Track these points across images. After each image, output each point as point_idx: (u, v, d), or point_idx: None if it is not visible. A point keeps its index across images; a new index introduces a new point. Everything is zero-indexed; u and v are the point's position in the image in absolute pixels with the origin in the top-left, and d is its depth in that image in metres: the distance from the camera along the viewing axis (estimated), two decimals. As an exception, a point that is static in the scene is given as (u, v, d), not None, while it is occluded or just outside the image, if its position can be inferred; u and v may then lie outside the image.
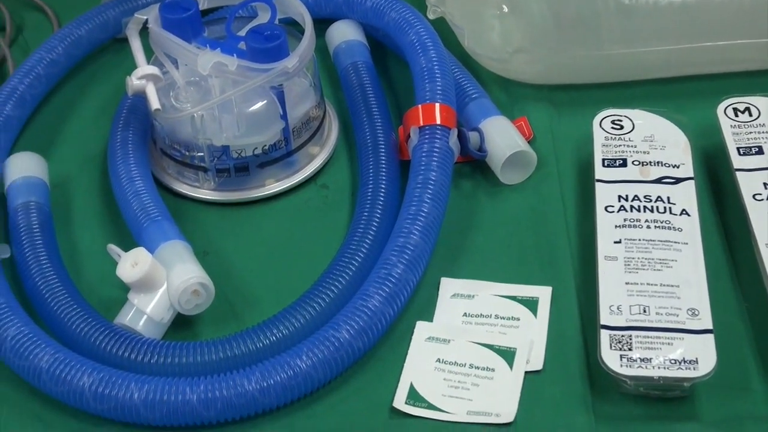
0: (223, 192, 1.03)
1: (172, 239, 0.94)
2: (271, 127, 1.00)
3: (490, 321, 0.91)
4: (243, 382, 0.84)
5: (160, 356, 0.87)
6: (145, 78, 0.98)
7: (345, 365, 0.87)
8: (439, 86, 1.01)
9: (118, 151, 1.03)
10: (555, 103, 1.08)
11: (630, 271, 0.88)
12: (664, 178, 0.95)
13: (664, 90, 1.08)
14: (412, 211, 0.93)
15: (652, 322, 0.84)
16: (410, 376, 0.87)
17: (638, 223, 0.92)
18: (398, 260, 0.90)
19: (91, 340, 0.89)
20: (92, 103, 1.15)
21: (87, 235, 1.02)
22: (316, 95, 1.04)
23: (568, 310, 0.91)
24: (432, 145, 0.97)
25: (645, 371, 0.82)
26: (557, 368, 0.87)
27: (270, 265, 0.98)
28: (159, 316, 0.90)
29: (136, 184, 1.00)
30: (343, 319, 0.87)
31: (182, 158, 1.02)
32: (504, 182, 1.01)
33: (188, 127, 0.99)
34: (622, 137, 0.99)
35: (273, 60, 0.96)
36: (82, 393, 0.84)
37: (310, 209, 1.03)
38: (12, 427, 0.87)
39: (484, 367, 0.87)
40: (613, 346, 0.83)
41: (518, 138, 1.01)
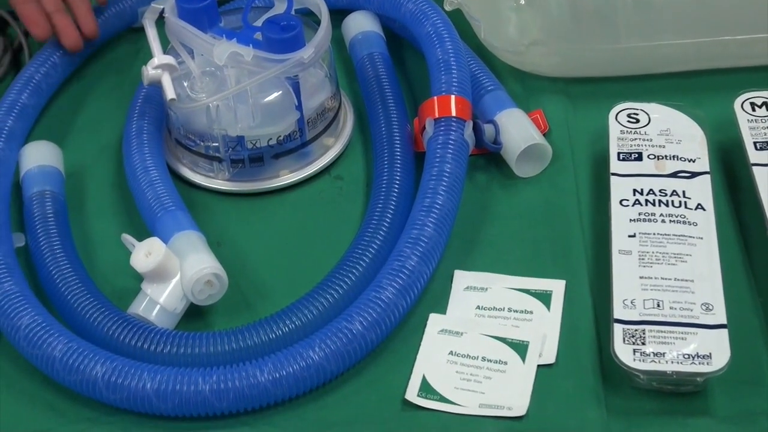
0: (238, 182, 1.03)
1: (186, 229, 0.95)
2: (286, 117, 1.01)
3: (503, 314, 0.91)
4: (255, 373, 0.84)
5: (173, 346, 0.87)
6: (161, 68, 0.98)
7: (357, 357, 0.87)
8: (455, 78, 1.01)
9: (133, 141, 1.03)
10: (571, 95, 1.08)
11: (644, 265, 0.88)
12: (680, 173, 0.95)
13: (680, 84, 1.08)
14: (427, 203, 0.93)
15: (665, 317, 0.84)
16: (423, 368, 0.87)
17: (653, 217, 0.92)
18: (412, 252, 0.90)
19: (104, 330, 0.89)
20: (108, 92, 1.16)
21: (101, 224, 1.02)
22: (331, 86, 1.04)
23: (581, 304, 0.91)
24: (447, 137, 0.97)
25: (658, 366, 0.82)
26: (570, 362, 0.87)
27: (283, 256, 0.98)
28: (172, 306, 0.91)
29: (151, 174, 1.00)
30: (356, 311, 0.87)
31: (197, 148, 1.02)
32: (519, 175, 1.01)
33: (203, 117, 0.99)
34: (637, 131, 0.99)
35: (289, 51, 0.97)
36: (95, 382, 0.84)
37: (325, 200, 1.03)
38: (25, 416, 0.87)
39: (497, 360, 0.87)
40: (626, 341, 0.83)
41: (533, 131, 1.01)
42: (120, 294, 0.94)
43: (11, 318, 0.89)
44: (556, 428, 0.83)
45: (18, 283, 0.92)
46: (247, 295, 0.95)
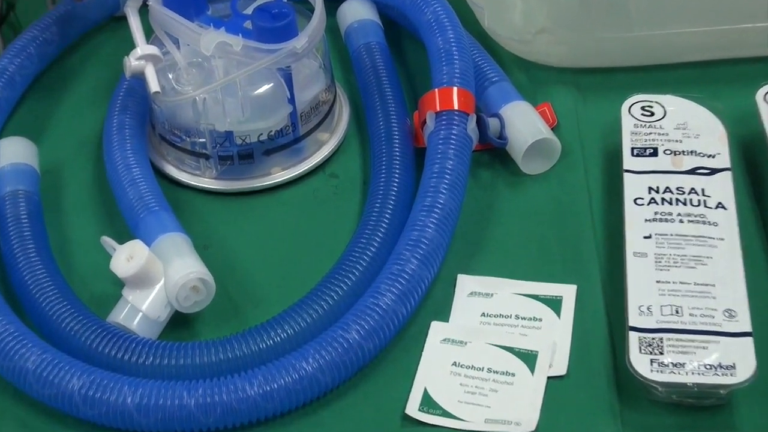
0: (226, 181, 1.03)
1: (171, 231, 0.94)
2: (277, 111, 1.00)
3: (510, 321, 0.90)
4: (244, 386, 0.83)
5: (156, 357, 0.86)
6: (144, 58, 0.98)
7: (354, 368, 0.86)
8: (457, 69, 1.00)
9: (115, 137, 1.02)
10: (581, 87, 1.08)
11: (661, 268, 0.87)
12: (699, 169, 0.95)
13: (698, 74, 1.07)
14: (428, 202, 0.92)
15: (685, 324, 0.83)
16: (424, 380, 0.86)
17: (670, 216, 0.91)
18: (412, 255, 0.89)
19: (81, 340, 0.88)
20: (87, 85, 1.15)
21: (79, 226, 1.02)
22: (326, 78, 1.04)
23: (593, 311, 0.90)
24: (449, 132, 0.97)
25: (678, 377, 0.81)
26: (582, 373, 0.86)
27: (275, 260, 0.98)
28: (155, 314, 0.89)
29: (133, 172, 0.99)
30: (353, 318, 0.87)
31: (182, 144, 1.02)
32: (526, 172, 1.01)
33: (189, 111, 0.99)
34: (652, 125, 0.98)
35: (281, 40, 0.96)
36: (72, 396, 0.83)
37: (319, 200, 1.02)
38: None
39: (504, 372, 0.86)
40: (642, 350, 0.82)
41: (541, 124, 1.01)
42: (99, 301, 0.93)
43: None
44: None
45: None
46: (235, 301, 0.94)
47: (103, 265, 0.91)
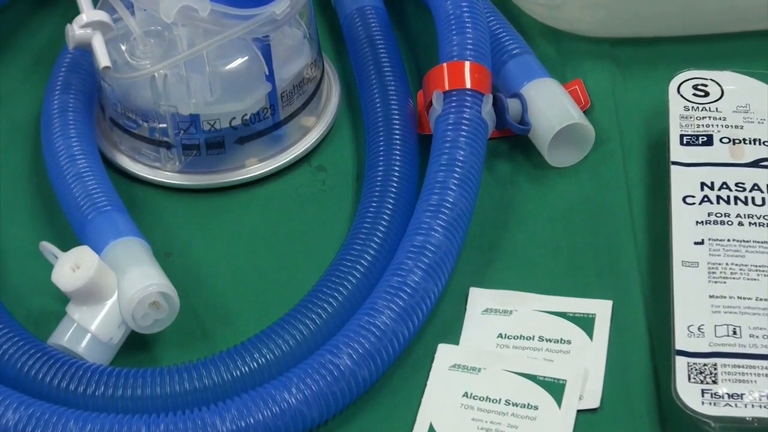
0: (192, 175, 1.04)
1: (125, 236, 0.95)
2: (253, 91, 1.01)
3: (533, 344, 0.92)
4: (215, 420, 0.84)
5: (108, 387, 0.87)
6: (91, 26, 0.98)
7: (346, 400, 0.87)
8: (470, 39, 1.01)
9: (56, 121, 1.04)
10: (619, 62, 1.09)
11: (716, 280, 0.89)
12: (763, 161, 0.96)
13: (763, 46, 1.08)
14: (434, 200, 0.94)
15: (744, 347, 0.85)
16: (429, 414, 0.88)
17: (727, 218, 0.93)
18: (415, 265, 0.91)
19: (17, 366, 0.89)
20: (19, 58, 1.17)
21: (13, 229, 1.03)
22: (311, 51, 1.04)
23: (633, 331, 0.91)
24: (460, 116, 0.98)
25: (734, 410, 0.82)
26: (619, 406, 0.88)
27: (250, 271, 0.99)
28: (107, 335, 0.91)
29: (79, 164, 1.00)
30: (345, 341, 0.88)
31: (138, 131, 1.03)
32: (552, 164, 1.02)
33: (147, 90, 1.00)
34: (707, 107, 1.00)
35: (257, 4, 0.97)
36: None
37: (303, 198, 1.04)
38: None
39: (525, 405, 0.88)
40: (692, 378, 0.84)
41: (571, 107, 1.02)
42: (38, 320, 0.94)
43: None
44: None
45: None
46: (203, 320, 0.96)
47: (42, 277, 0.91)
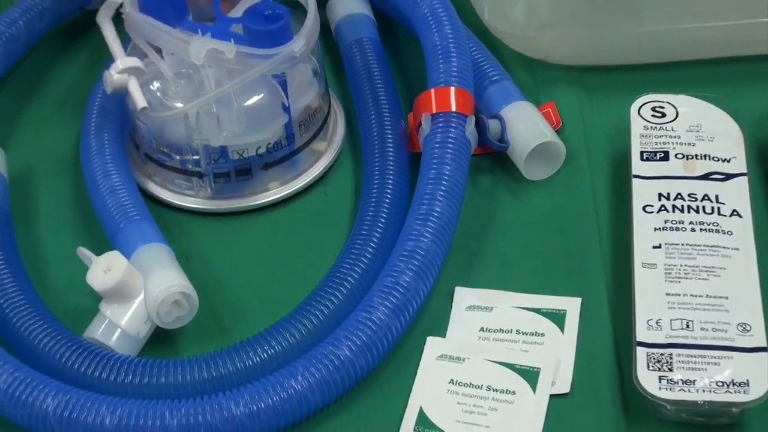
0: (221, 200, 1.03)
1: (152, 242, 0.95)
2: (274, 121, 1.00)
3: (511, 337, 0.91)
4: (230, 405, 0.84)
5: (136, 375, 0.87)
6: (127, 72, 0.97)
7: (346, 386, 0.87)
8: (455, 67, 1.01)
9: (93, 142, 1.03)
10: (587, 86, 1.09)
11: (671, 280, 0.88)
12: (713, 174, 0.95)
13: (713, 73, 1.08)
14: (423, 210, 0.93)
15: (696, 339, 0.84)
16: (419, 399, 0.87)
17: (681, 225, 0.92)
18: (407, 267, 0.90)
19: (56, 357, 0.89)
20: (58, 85, 1.16)
21: (53, 236, 1.03)
22: (320, 84, 1.04)
23: (599, 325, 0.91)
24: (446, 135, 0.97)
25: (688, 395, 0.82)
26: (587, 391, 0.87)
27: (261, 273, 0.99)
28: (135, 329, 0.90)
29: (112, 179, 1.00)
30: (344, 334, 0.87)
31: (171, 163, 1.01)
32: (528, 178, 1.02)
33: (180, 126, 0.98)
34: (663, 126, 0.99)
35: (275, 44, 0.96)
36: (46, 417, 0.84)
37: (307, 210, 1.03)
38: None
39: (504, 390, 0.87)
40: (651, 366, 0.83)
41: (545, 127, 1.02)
42: (74, 316, 0.94)
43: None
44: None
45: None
46: (220, 316, 0.95)
47: (78, 278, 0.91)
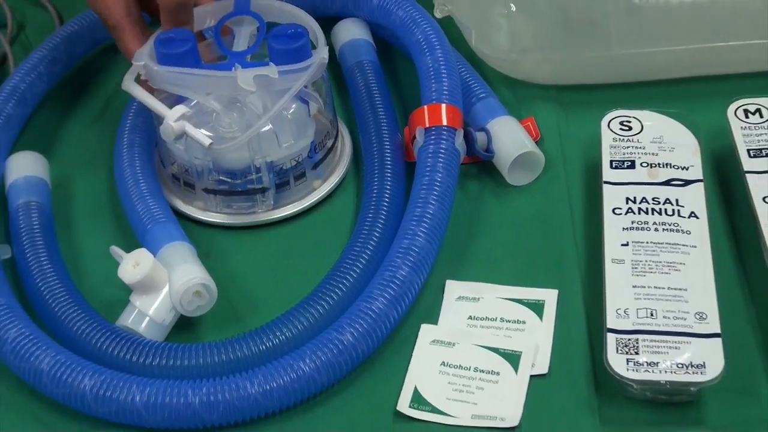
0: (282, 207, 1.02)
1: (176, 241, 0.95)
2: (309, 127, 1.00)
3: (496, 324, 0.91)
4: (245, 384, 0.84)
5: (162, 358, 0.88)
6: (181, 118, 0.95)
7: (348, 368, 0.87)
8: (446, 86, 1.01)
9: (125, 154, 1.03)
10: (563, 103, 1.08)
11: (637, 274, 0.89)
12: (673, 180, 0.96)
13: (673, 91, 1.08)
14: (418, 212, 0.93)
15: (659, 326, 0.85)
16: (414, 379, 0.88)
17: (646, 225, 0.92)
18: (403, 262, 0.90)
19: (92, 342, 0.89)
20: (94, 101, 1.16)
21: (89, 236, 1.03)
22: (328, 104, 1.04)
23: (574, 314, 0.91)
24: (438, 147, 0.98)
25: (652, 375, 0.82)
26: (563, 372, 0.88)
27: (272, 267, 0.99)
28: (161, 317, 0.91)
29: (141, 187, 1.00)
30: (347, 321, 0.88)
31: (230, 189, 1.00)
32: (511, 183, 1.02)
33: (243, 151, 0.97)
34: (630, 138, 0.99)
35: (302, 59, 0.96)
36: (83, 395, 0.85)
37: (313, 210, 1.03)
38: (11, 430, 0.88)
39: (489, 371, 0.87)
40: (619, 350, 0.84)
41: (526, 139, 1.02)
42: (108, 306, 0.94)
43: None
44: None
45: (4, 295, 0.92)
46: (236, 306, 0.95)
47: (111, 273, 0.91)
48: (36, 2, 1.27)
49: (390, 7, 1.09)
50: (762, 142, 0.97)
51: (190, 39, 0.97)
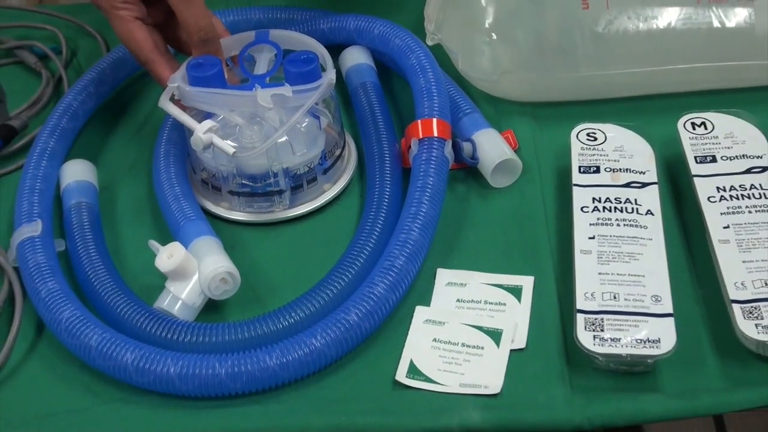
0: (296, 207, 1.01)
1: (205, 235, 0.94)
2: (319, 138, 1.00)
3: (480, 306, 0.91)
4: (265, 358, 0.84)
5: (193, 336, 0.87)
6: (209, 131, 0.95)
7: (354, 344, 0.87)
8: (436, 103, 1.00)
9: (161, 161, 1.02)
10: (537, 117, 1.08)
11: (602, 263, 0.88)
12: (632, 183, 0.95)
13: (632, 107, 1.07)
14: (412, 211, 0.93)
15: (621, 307, 0.84)
16: (410, 353, 0.87)
17: (609, 221, 0.92)
18: (400, 253, 0.90)
19: (133, 322, 0.89)
20: (134, 117, 1.15)
21: (130, 231, 1.02)
22: (336, 120, 1.03)
23: (548, 297, 0.91)
24: (430, 155, 0.97)
25: (615, 349, 0.82)
26: (538, 347, 0.87)
27: (288, 258, 0.98)
28: (192, 301, 0.90)
29: (176, 190, 0.99)
30: (353, 304, 0.87)
31: (252, 191, 0.99)
32: (493, 186, 1.01)
33: (262, 159, 0.96)
34: (595, 147, 0.99)
35: (311, 80, 0.95)
36: (126, 368, 0.84)
37: (323, 211, 1.02)
38: (65, 397, 0.87)
39: (475, 346, 0.87)
40: (587, 328, 0.83)
41: (506, 147, 1.01)
42: (147, 291, 0.93)
43: (54, 312, 0.89)
44: (527, 404, 0.83)
45: (59, 282, 0.92)
46: (257, 291, 0.95)
47: (149, 263, 0.91)
48: (86, 32, 1.26)
49: (389, 36, 1.09)
50: (707, 150, 0.97)
51: (217, 64, 0.97)
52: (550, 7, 1.05)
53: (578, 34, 1.04)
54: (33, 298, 0.91)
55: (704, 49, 1.04)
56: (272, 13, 1.18)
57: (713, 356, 0.85)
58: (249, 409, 0.84)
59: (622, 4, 1.04)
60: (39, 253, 0.93)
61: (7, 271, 0.94)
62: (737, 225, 0.89)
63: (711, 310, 0.88)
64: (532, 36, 1.06)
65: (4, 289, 0.93)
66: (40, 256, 0.93)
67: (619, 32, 1.04)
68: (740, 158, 0.95)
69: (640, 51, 1.05)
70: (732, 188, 0.93)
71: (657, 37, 1.04)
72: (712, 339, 0.86)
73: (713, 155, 0.96)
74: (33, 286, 0.91)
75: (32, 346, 0.91)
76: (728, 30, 1.03)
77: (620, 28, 1.04)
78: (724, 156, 0.96)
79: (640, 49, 1.04)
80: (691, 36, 1.04)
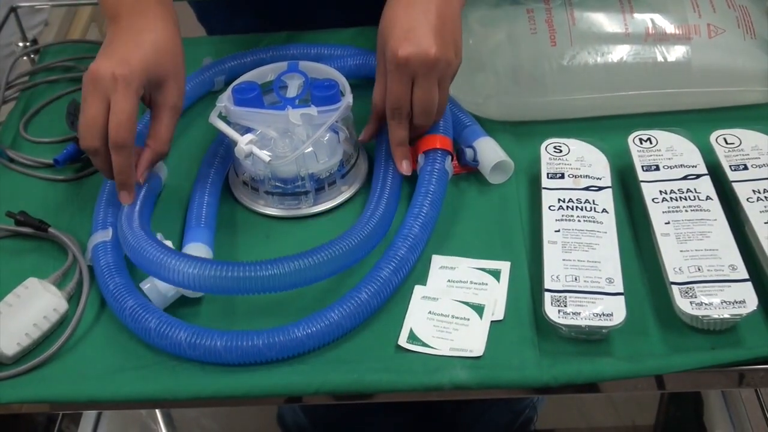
0: (319, 204, 0.99)
1: (199, 242, 0.92)
2: (337, 150, 0.98)
3: (467, 285, 0.90)
4: (293, 330, 0.83)
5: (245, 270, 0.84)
6: (250, 143, 0.95)
7: (364, 317, 0.86)
8: (441, 122, 0.99)
9: (203, 173, 1.01)
10: (515, 133, 1.06)
11: (566, 251, 0.88)
12: (590, 187, 0.94)
13: (591, 125, 1.06)
14: (416, 212, 0.92)
15: (580, 287, 0.84)
16: (410, 323, 0.87)
17: (572, 218, 0.91)
18: (402, 245, 0.89)
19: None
20: (190, 139, 1.11)
21: (166, 225, 0.98)
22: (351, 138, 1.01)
23: (521, 278, 0.90)
24: (433, 167, 0.95)
25: (575, 321, 0.82)
26: (514, 319, 0.86)
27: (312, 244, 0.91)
28: (165, 290, 0.88)
29: (204, 199, 0.97)
30: (363, 285, 0.86)
31: (283, 191, 0.98)
32: (491, 182, 1.00)
33: (292, 165, 0.95)
34: (561, 158, 0.98)
35: (333, 102, 0.95)
36: (180, 344, 0.83)
37: (341, 208, 1.00)
38: (132, 356, 0.86)
39: (462, 318, 0.87)
40: (553, 304, 0.83)
41: (501, 151, 1.00)
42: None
43: (119, 302, 0.87)
44: (504, 365, 0.83)
45: (124, 278, 0.90)
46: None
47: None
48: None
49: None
50: (652, 160, 0.96)
51: (256, 88, 0.97)
52: (524, 44, 1.04)
53: (547, 66, 1.03)
54: (103, 290, 0.89)
55: (650, 79, 1.03)
56: (305, 50, 1.14)
57: (656, 327, 0.84)
58: (280, 369, 0.84)
59: (583, 41, 1.03)
60: (109, 255, 0.92)
61: (82, 266, 0.93)
62: (676, 221, 0.89)
63: (654, 290, 0.87)
64: (509, 68, 1.05)
65: (75, 279, 0.93)
66: (110, 257, 0.92)
67: (580, 64, 1.03)
68: (679, 167, 0.95)
69: (598, 80, 1.04)
70: (672, 191, 0.92)
71: (612, 68, 1.03)
72: (655, 313, 0.86)
73: (657, 164, 0.95)
74: (103, 281, 0.90)
75: (96, 319, 0.90)
76: (669, 63, 1.03)
77: (582, 61, 1.03)
78: (665, 165, 0.95)
79: (598, 79, 1.04)
80: (639, 68, 1.03)
